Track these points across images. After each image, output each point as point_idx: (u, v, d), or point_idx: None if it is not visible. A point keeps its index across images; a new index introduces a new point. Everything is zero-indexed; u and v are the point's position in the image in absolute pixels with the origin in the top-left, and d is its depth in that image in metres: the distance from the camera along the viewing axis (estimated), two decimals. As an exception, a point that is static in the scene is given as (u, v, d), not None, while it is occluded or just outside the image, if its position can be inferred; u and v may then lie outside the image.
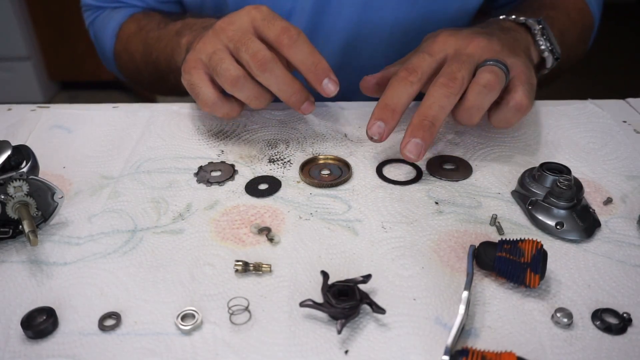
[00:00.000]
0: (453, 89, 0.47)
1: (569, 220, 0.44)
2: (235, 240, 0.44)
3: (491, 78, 0.48)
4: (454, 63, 0.49)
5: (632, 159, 0.53)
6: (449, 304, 0.38)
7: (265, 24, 0.51)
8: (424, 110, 0.48)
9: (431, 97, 0.48)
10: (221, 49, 0.51)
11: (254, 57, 0.49)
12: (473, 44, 0.51)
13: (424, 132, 0.47)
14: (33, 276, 0.41)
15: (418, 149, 0.47)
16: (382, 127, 0.48)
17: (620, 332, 0.36)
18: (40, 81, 2.42)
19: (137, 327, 0.37)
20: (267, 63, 0.49)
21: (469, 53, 0.50)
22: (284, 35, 0.50)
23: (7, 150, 0.42)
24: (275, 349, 0.35)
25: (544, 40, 0.58)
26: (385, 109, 0.49)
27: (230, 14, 0.53)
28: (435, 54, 0.51)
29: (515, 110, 0.49)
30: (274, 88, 0.51)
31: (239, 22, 0.51)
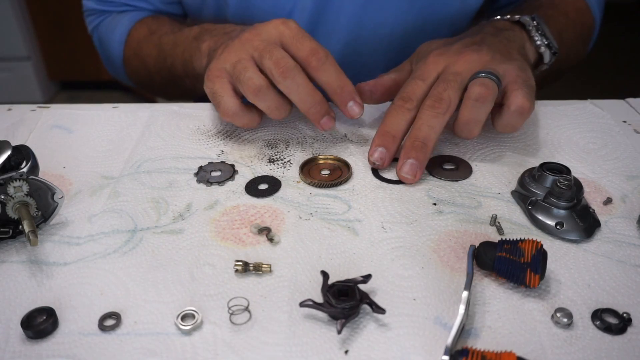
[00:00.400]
0: (440, 109, 0.50)
1: (569, 220, 0.44)
2: (235, 240, 0.44)
3: (482, 91, 0.49)
4: (441, 84, 0.51)
5: (632, 159, 0.53)
6: (448, 304, 0.38)
7: (294, 42, 0.51)
8: (415, 132, 0.50)
9: (420, 120, 0.50)
10: (245, 58, 0.51)
11: (277, 64, 0.50)
12: (461, 61, 0.53)
13: (416, 152, 0.50)
14: (33, 276, 0.41)
15: (413, 169, 0.50)
16: (384, 152, 0.51)
17: (620, 332, 0.36)
18: (40, 81, 2.42)
19: (137, 327, 0.37)
20: (290, 70, 0.50)
21: (455, 71, 0.52)
22: (313, 57, 0.51)
23: (7, 150, 0.42)
24: (275, 349, 0.35)
25: (539, 36, 0.59)
26: (386, 136, 0.51)
27: (257, 26, 0.53)
28: (427, 78, 0.53)
29: (518, 114, 0.50)
30: (294, 97, 0.51)
31: (266, 34, 0.52)
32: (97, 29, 0.78)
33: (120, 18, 0.75)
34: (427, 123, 0.50)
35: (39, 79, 2.41)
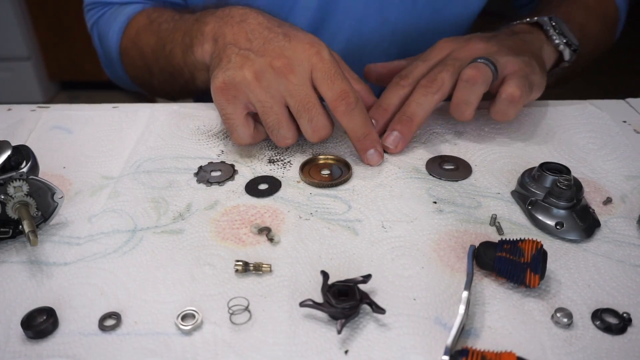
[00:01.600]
0: (431, 89, 0.52)
1: (569, 220, 0.44)
2: (235, 240, 0.44)
3: (473, 73, 0.51)
4: (438, 66, 0.54)
5: (632, 159, 0.53)
6: (448, 304, 0.38)
7: (326, 81, 0.49)
8: (404, 107, 0.54)
9: (411, 97, 0.53)
10: (277, 100, 0.49)
11: (315, 130, 0.50)
12: (467, 48, 0.55)
13: (401, 125, 0.53)
14: (33, 276, 0.41)
15: (396, 140, 0.53)
16: (373, 123, 0.54)
17: (620, 332, 0.36)
18: (40, 81, 2.42)
19: (137, 327, 0.37)
20: (324, 137, 0.52)
21: (456, 57, 0.55)
22: (343, 102, 0.49)
23: (7, 150, 0.42)
24: (276, 349, 0.35)
25: (557, 35, 0.60)
26: (378, 109, 0.55)
27: (288, 51, 0.49)
28: (429, 60, 0.56)
29: (508, 102, 0.52)
30: (308, 136, 0.51)
31: (300, 69, 0.49)
32: (97, 23, 0.75)
33: (121, 10, 0.72)
34: (417, 100, 0.53)
35: (39, 79, 2.41)
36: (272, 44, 0.50)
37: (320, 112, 0.50)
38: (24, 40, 2.28)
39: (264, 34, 0.51)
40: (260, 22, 0.52)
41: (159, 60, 0.65)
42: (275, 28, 0.51)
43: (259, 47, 0.50)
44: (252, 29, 0.52)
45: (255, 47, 0.50)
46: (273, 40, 0.50)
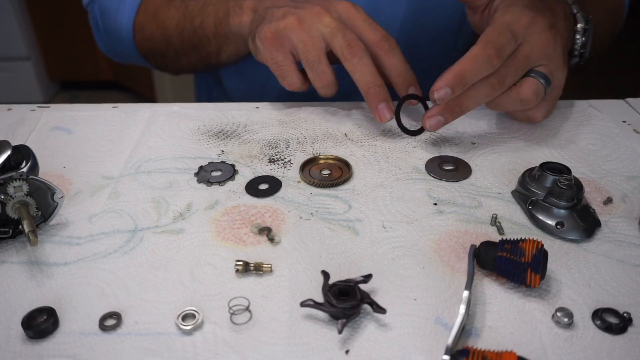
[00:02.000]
0: (497, 92, 0.51)
1: (569, 220, 0.44)
2: (235, 240, 0.44)
3: (531, 96, 0.52)
4: (513, 67, 0.51)
5: (632, 159, 0.53)
6: (449, 304, 0.38)
7: (367, 26, 0.55)
8: (462, 99, 0.51)
9: (474, 90, 0.51)
10: (317, 39, 0.54)
11: (349, 44, 0.53)
12: (541, 44, 0.51)
13: (450, 114, 0.52)
14: (33, 276, 0.41)
15: (438, 125, 0.52)
16: (449, 94, 0.49)
17: (620, 332, 0.36)
18: (40, 81, 2.43)
19: (137, 327, 0.37)
20: (360, 51, 0.53)
21: (529, 56, 0.51)
22: (386, 42, 0.54)
23: (7, 150, 0.41)
24: (276, 349, 0.35)
25: (581, 41, 0.59)
26: (460, 80, 0.49)
27: (325, 1, 0.56)
28: (518, 38, 0.51)
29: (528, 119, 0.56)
30: (358, 75, 0.54)
31: (338, 13, 0.55)
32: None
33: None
34: (477, 98, 0.51)
35: (39, 79, 2.41)
36: (312, 1, 0.56)
37: (352, 32, 0.54)
38: (24, 40, 2.29)
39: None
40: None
41: (184, 33, 0.69)
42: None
43: (299, 5, 0.56)
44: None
45: (295, 5, 0.57)
46: (312, 0, 0.57)
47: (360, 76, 0.54)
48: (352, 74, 0.54)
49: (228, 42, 0.66)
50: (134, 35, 0.74)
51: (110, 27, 0.76)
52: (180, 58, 0.74)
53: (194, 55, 0.72)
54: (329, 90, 0.56)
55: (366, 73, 0.54)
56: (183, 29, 0.69)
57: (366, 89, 0.54)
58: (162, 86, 2.19)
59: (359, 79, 0.54)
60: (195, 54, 0.71)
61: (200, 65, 0.74)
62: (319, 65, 0.54)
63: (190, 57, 0.73)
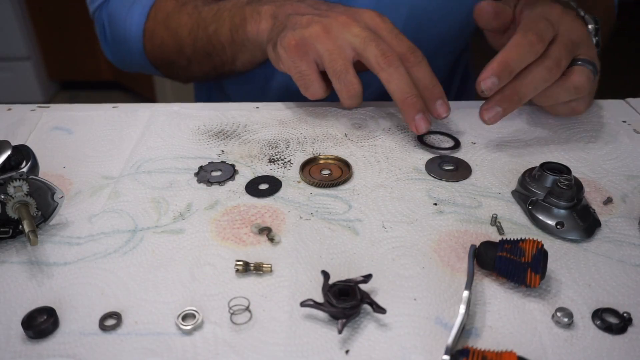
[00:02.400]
0: (554, 75, 0.50)
1: (569, 220, 0.44)
2: (235, 240, 0.44)
3: (583, 82, 0.51)
4: (563, 49, 0.50)
5: (632, 159, 0.53)
6: (449, 304, 0.38)
7: (394, 37, 0.53)
8: (520, 86, 0.50)
9: (531, 76, 0.50)
10: (345, 49, 0.52)
11: (383, 53, 0.51)
12: (579, 31, 0.53)
13: (509, 104, 0.50)
14: (33, 276, 0.41)
15: (497, 117, 0.50)
16: (496, 83, 0.49)
17: (620, 332, 0.36)
18: (40, 81, 2.43)
19: (137, 327, 0.37)
20: (396, 61, 0.51)
21: (574, 40, 0.52)
22: (412, 54, 0.53)
23: (7, 150, 0.41)
24: (276, 349, 0.35)
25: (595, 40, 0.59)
26: (505, 68, 0.49)
27: (351, 10, 0.55)
28: (555, 25, 0.52)
29: (570, 111, 0.55)
30: (393, 85, 0.52)
31: (367, 22, 0.53)
32: (107, 5, 0.75)
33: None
34: (535, 84, 0.50)
35: (39, 79, 2.42)
36: (335, 9, 0.55)
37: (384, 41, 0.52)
38: (24, 40, 2.29)
39: (324, 6, 0.56)
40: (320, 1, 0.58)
41: (197, 40, 0.67)
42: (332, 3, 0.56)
43: (323, 13, 0.55)
44: (311, 4, 0.57)
45: (319, 13, 0.55)
46: (335, 7, 0.55)
47: (397, 86, 0.52)
48: (388, 83, 0.52)
49: (244, 50, 0.64)
50: (144, 42, 0.73)
51: (119, 34, 0.74)
52: (192, 66, 0.72)
53: (207, 64, 0.70)
54: (355, 101, 0.55)
55: (403, 83, 0.52)
56: (196, 37, 0.67)
57: (402, 99, 0.52)
58: (162, 86, 2.19)
59: (395, 88, 0.52)
60: (209, 62, 0.70)
61: (213, 74, 0.73)
62: (347, 75, 0.53)
63: (203, 66, 0.71)
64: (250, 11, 0.61)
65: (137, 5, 0.71)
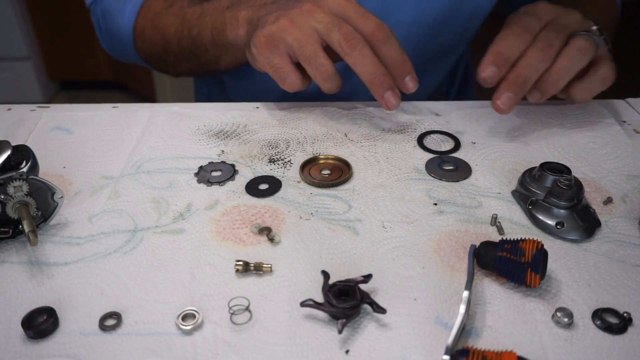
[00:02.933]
0: (548, 54, 0.51)
1: (569, 220, 0.44)
2: (235, 240, 0.44)
3: (586, 44, 0.52)
4: (552, 31, 0.53)
5: (632, 159, 0.53)
6: (449, 304, 0.38)
7: (359, 17, 0.53)
8: (521, 69, 0.51)
9: (528, 58, 0.52)
10: (311, 35, 0.53)
11: (346, 37, 0.51)
12: (570, 16, 0.55)
13: (517, 88, 0.51)
14: (33, 276, 0.41)
15: (510, 102, 0.51)
16: (496, 72, 0.51)
17: (620, 332, 0.36)
18: (40, 81, 2.42)
19: (137, 327, 0.37)
20: (359, 43, 0.51)
21: (564, 23, 0.54)
22: (380, 31, 0.52)
23: (7, 150, 0.42)
24: (276, 349, 0.35)
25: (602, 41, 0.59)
26: (501, 57, 0.52)
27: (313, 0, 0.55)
28: (541, 17, 0.55)
29: (600, 81, 0.54)
30: (360, 68, 0.52)
31: (329, 8, 0.53)
32: (101, 1, 0.76)
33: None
34: (535, 65, 0.51)
35: (39, 79, 2.41)
36: (301, 1, 0.55)
37: (347, 24, 0.52)
38: (24, 40, 2.28)
39: (292, 1, 0.56)
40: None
41: (182, 41, 0.68)
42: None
43: (289, 6, 0.55)
44: (282, 3, 0.58)
45: (286, 7, 0.56)
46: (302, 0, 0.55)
47: (363, 68, 0.52)
48: (354, 67, 0.53)
49: (226, 52, 0.65)
50: (135, 39, 0.74)
51: (113, 29, 0.76)
52: (180, 63, 0.74)
53: (193, 62, 0.72)
54: (332, 84, 0.54)
55: (368, 64, 0.52)
56: (181, 37, 0.68)
57: (370, 80, 0.52)
58: (162, 86, 2.19)
59: (362, 71, 0.52)
60: (195, 61, 0.71)
61: (201, 71, 0.74)
62: (316, 58, 0.52)
63: (190, 64, 0.72)
64: (230, 17, 0.62)
65: (129, 4, 0.73)
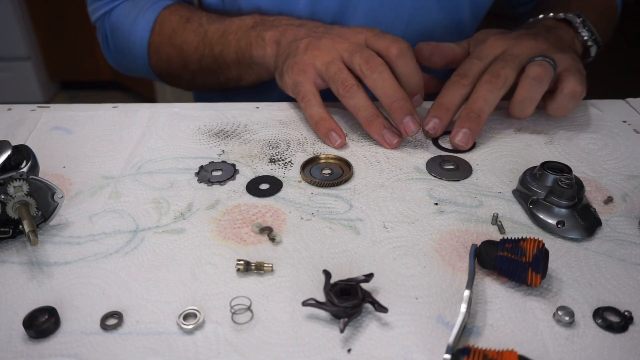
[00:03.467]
0: (496, 84, 0.53)
1: (570, 219, 0.44)
2: (236, 239, 0.44)
3: (539, 70, 0.53)
4: (499, 62, 0.55)
5: (633, 159, 0.54)
6: (450, 303, 0.38)
7: (376, 39, 0.56)
8: (470, 104, 0.54)
9: (476, 93, 0.54)
10: (337, 58, 0.56)
11: (366, 61, 0.54)
12: (520, 45, 0.56)
13: (470, 122, 0.53)
14: (34, 276, 0.41)
15: (466, 137, 0.53)
16: (437, 123, 0.54)
17: (621, 331, 0.36)
18: (40, 81, 2.42)
19: (139, 327, 0.37)
20: (378, 66, 0.54)
21: (514, 53, 0.56)
22: (394, 46, 0.55)
23: (7, 150, 0.41)
24: (278, 349, 0.35)
25: (586, 32, 0.62)
26: (440, 108, 0.55)
27: (343, 29, 0.59)
28: (485, 58, 0.57)
29: (570, 97, 0.54)
30: (379, 91, 0.54)
31: (354, 38, 0.57)
32: (109, 16, 0.75)
33: (142, 4, 0.72)
34: (483, 97, 0.53)
35: (39, 79, 2.41)
36: (330, 30, 0.60)
37: (369, 50, 0.55)
38: (24, 40, 2.28)
39: (321, 28, 0.61)
40: (317, 24, 0.62)
41: (203, 59, 0.69)
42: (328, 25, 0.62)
43: (318, 34, 0.59)
44: (311, 27, 0.61)
45: (315, 34, 0.59)
46: (331, 28, 0.60)
47: (382, 91, 0.53)
48: (374, 90, 0.54)
49: (249, 70, 0.66)
50: (149, 56, 0.73)
51: (123, 45, 0.75)
52: (196, 80, 0.73)
53: (211, 79, 0.71)
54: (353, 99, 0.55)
55: (387, 87, 0.53)
56: (202, 55, 0.68)
57: (389, 104, 0.54)
58: (162, 86, 2.19)
59: (381, 94, 0.54)
60: (214, 78, 0.71)
61: (217, 87, 0.74)
62: (340, 74, 0.55)
63: (207, 80, 0.72)
64: (255, 37, 0.63)
65: (141, 20, 0.72)
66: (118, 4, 0.74)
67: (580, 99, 0.55)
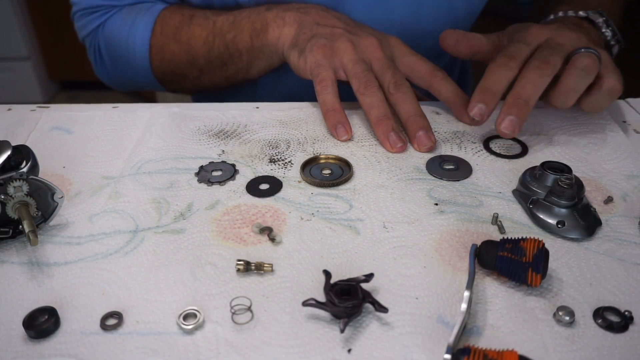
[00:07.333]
0: (545, 70, 0.51)
1: (570, 219, 0.44)
2: (236, 239, 0.44)
3: (589, 62, 0.51)
4: (546, 49, 0.53)
5: (632, 159, 0.53)
6: (451, 303, 0.38)
7: (413, 57, 0.60)
8: (518, 90, 0.52)
9: (524, 78, 0.52)
10: (364, 60, 0.58)
11: (396, 82, 0.56)
12: (563, 35, 0.55)
13: (517, 109, 0.51)
14: (34, 276, 0.41)
15: (513, 124, 0.51)
16: (484, 108, 0.53)
17: (621, 330, 0.36)
18: (40, 81, 2.42)
19: (139, 327, 0.37)
20: (405, 87, 0.56)
21: (559, 42, 0.54)
22: (438, 71, 0.58)
23: (7, 150, 0.41)
24: (278, 349, 0.35)
25: (609, 31, 0.61)
26: (487, 93, 0.53)
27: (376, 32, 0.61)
28: (531, 43, 0.55)
29: (609, 94, 0.53)
30: (401, 106, 0.56)
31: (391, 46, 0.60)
32: (102, 28, 0.74)
33: (138, 9, 0.72)
34: (532, 82, 0.51)
35: (39, 79, 2.41)
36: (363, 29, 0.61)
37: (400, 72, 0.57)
38: (24, 40, 2.28)
39: (352, 22, 0.62)
40: (340, 15, 0.63)
41: (212, 49, 0.68)
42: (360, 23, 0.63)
43: (352, 30, 0.60)
44: (338, 16, 0.62)
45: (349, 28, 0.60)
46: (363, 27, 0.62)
47: (403, 107, 0.55)
48: (396, 106, 0.56)
49: (261, 56, 0.66)
50: (152, 58, 0.72)
51: (119, 55, 0.74)
52: (203, 77, 0.73)
53: (219, 74, 0.71)
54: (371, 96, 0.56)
55: (409, 104, 0.55)
56: (212, 46, 0.68)
57: (407, 118, 0.55)
58: (162, 86, 2.18)
59: (401, 110, 0.56)
60: (222, 72, 0.71)
61: (224, 85, 0.73)
62: (368, 74, 0.56)
63: (214, 76, 0.72)
64: (273, 17, 0.63)
65: (139, 24, 0.71)
66: (111, 15, 0.73)
67: (617, 96, 0.54)
